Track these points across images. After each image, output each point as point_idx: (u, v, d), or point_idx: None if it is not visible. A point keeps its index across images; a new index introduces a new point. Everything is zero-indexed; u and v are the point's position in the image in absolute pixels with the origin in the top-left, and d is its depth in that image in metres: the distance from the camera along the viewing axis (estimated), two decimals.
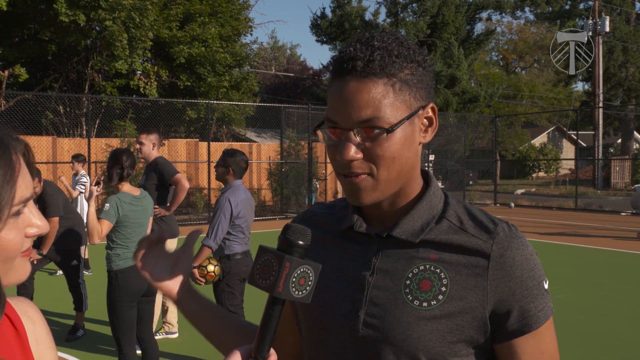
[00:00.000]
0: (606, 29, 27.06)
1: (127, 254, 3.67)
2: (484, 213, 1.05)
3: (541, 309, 0.99)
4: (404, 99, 0.95)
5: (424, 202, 1.03)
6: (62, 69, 18.09)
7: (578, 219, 15.45)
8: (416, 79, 0.97)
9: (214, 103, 17.15)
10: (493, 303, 0.97)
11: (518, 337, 0.98)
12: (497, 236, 0.99)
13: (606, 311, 6.19)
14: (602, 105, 28.68)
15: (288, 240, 0.88)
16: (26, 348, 0.91)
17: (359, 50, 0.94)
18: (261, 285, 0.87)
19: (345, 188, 1.00)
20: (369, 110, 0.93)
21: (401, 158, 0.96)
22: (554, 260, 9.24)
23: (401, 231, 1.01)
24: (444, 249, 1.00)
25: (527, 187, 28.93)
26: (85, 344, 5.11)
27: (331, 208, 1.16)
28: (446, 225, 1.02)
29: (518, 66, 48.84)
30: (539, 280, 1.00)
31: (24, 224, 0.85)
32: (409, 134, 0.96)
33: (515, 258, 0.98)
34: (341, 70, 0.95)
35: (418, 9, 26.56)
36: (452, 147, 22.57)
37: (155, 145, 5.16)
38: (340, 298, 1.02)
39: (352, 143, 0.94)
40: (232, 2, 20.43)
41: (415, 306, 0.97)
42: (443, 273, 0.98)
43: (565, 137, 42.65)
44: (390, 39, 0.97)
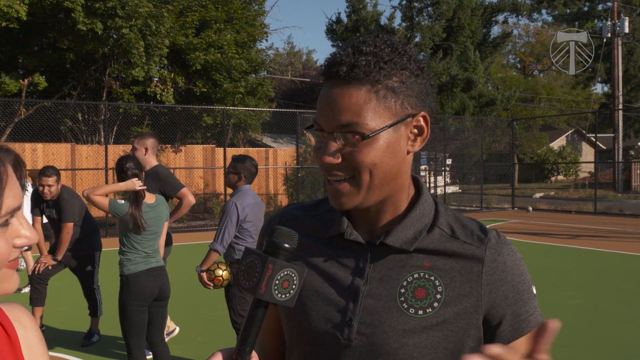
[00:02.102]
0: (625, 30, 26.72)
1: (139, 259, 3.70)
2: (473, 221, 1.06)
3: (532, 313, 1.00)
4: (388, 106, 0.94)
5: (416, 210, 1.03)
6: (80, 76, 18.33)
7: (597, 222, 15.24)
8: (405, 86, 0.96)
9: (230, 109, 17.24)
10: (486, 308, 0.98)
11: (511, 342, 0.98)
12: (489, 242, 1.01)
13: (624, 317, 6.08)
14: (622, 107, 28.30)
15: (273, 243, 0.87)
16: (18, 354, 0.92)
17: (346, 55, 0.94)
18: (244, 287, 0.87)
19: (328, 192, 1.00)
20: (349, 115, 0.93)
21: (383, 165, 0.95)
22: (571, 265, 9.12)
23: (395, 239, 1.00)
24: (438, 257, 1.00)
25: (545, 191, 28.62)
26: (100, 349, 5.15)
27: (312, 210, 1.13)
28: (438, 234, 1.02)
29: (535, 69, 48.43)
30: (529, 285, 1.01)
31: (12, 234, 0.86)
32: (392, 142, 0.96)
33: (507, 263, 1.00)
34: (327, 74, 0.96)
35: (433, 12, 26.47)
36: (469, 150, 22.42)
37: (149, 150, 4.83)
38: (333, 307, 1.01)
39: (332, 146, 0.95)
40: (248, 9, 20.53)
41: (411, 314, 0.97)
42: (438, 280, 0.99)
43: (584, 140, 42.15)
44: (383, 45, 0.96)
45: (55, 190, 5.19)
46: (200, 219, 16.47)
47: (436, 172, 19.63)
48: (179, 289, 7.34)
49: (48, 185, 5.13)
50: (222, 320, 5.55)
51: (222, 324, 5.52)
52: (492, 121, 24.16)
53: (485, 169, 22.61)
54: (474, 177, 22.95)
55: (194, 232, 14.19)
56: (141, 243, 3.72)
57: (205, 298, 6.82)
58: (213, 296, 6.57)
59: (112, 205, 3.65)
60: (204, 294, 6.81)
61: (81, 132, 17.08)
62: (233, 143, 22.06)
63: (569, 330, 5.63)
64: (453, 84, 24.29)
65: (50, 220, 5.37)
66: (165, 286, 3.83)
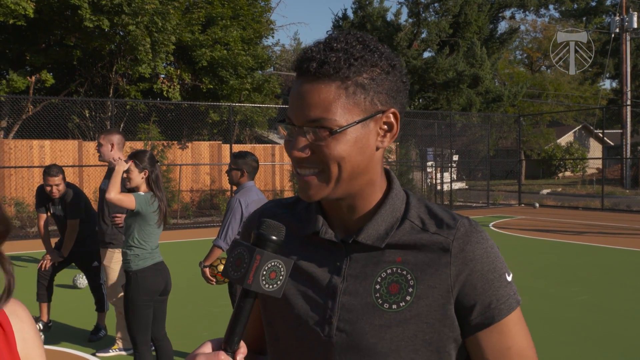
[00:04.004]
0: (634, 25, 26.54)
1: (145, 254, 3.72)
2: (445, 210, 1.06)
3: (504, 301, 0.99)
4: (356, 102, 0.96)
5: (387, 205, 1.04)
6: (87, 73, 18.39)
7: (605, 219, 15.17)
8: (375, 83, 0.97)
9: (236, 105, 17.26)
10: (457, 298, 0.99)
11: (481, 330, 0.99)
12: (457, 232, 1.01)
13: (631, 313, 6.06)
14: (630, 103, 28.13)
15: (261, 235, 0.89)
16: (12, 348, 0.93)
17: (316, 52, 0.96)
18: (233, 277, 0.89)
19: (298, 184, 1.02)
20: (318, 111, 0.94)
21: (351, 159, 0.97)
22: (578, 261, 9.09)
23: (367, 236, 1.02)
24: (408, 251, 1.02)
25: (553, 187, 28.51)
26: (107, 344, 5.18)
27: (290, 207, 1.16)
28: (409, 227, 1.03)
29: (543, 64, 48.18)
30: (501, 273, 1.01)
31: None
32: (361, 137, 0.97)
33: (475, 252, 1.00)
34: (298, 70, 0.97)
35: (440, 8, 26.38)
36: (476, 147, 22.37)
37: (115, 146, 4.70)
38: (313, 305, 1.03)
39: (302, 141, 0.97)
40: (254, 5, 20.54)
41: (386, 309, 0.99)
42: (409, 275, 1.00)
43: (592, 136, 41.92)
44: (355, 42, 0.97)
45: (62, 188, 5.22)
46: (206, 215, 16.51)
47: (443, 168, 19.58)
48: (184, 284, 7.37)
49: (55, 184, 5.16)
50: (226, 316, 5.58)
51: (226, 320, 5.54)
52: (499, 117, 24.08)
53: (492, 165, 22.54)
54: (481, 173, 22.89)
55: (200, 228, 14.23)
56: (151, 237, 3.74)
57: (210, 294, 6.85)
58: (218, 292, 6.60)
59: (138, 200, 3.65)
60: (209, 290, 6.83)
61: (88, 128, 17.15)
62: (239, 139, 22.09)
63: (575, 327, 5.61)
64: (460, 80, 24.21)
65: (56, 217, 5.40)
66: (169, 281, 3.87)
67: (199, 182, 17.72)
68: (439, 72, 24.35)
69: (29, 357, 0.96)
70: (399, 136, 20.36)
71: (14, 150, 14.74)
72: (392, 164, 19.78)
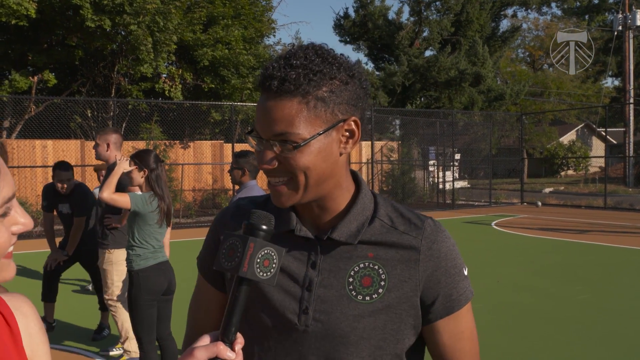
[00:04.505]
0: (637, 23, 26.49)
1: (147, 254, 3.73)
2: (409, 210, 1.17)
3: (462, 293, 1.13)
4: (318, 115, 1.02)
5: (357, 205, 1.12)
6: (89, 73, 18.41)
7: (607, 217, 15.15)
8: (335, 95, 1.03)
9: (238, 105, 17.26)
10: (423, 290, 1.10)
11: (442, 318, 1.11)
12: (424, 231, 1.12)
13: (633, 312, 6.06)
14: (633, 101, 28.07)
15: (252, 225, 0.93)
16: (18, 344, 0.94)
17: (277, 69, 1.01)
18: (226, 267, 0.91)
19: (270, 191, 1.09)
20: (282, 125, 1.01)
21: (317, 168, 1.04)
22: (580, 260, 9.08)
23: (340, 234, 1.10)
24: (380, 247, 1.10)
25: (555, 186, 28.46)
26: (110, 343, 5.19)
27: (261, 206, 1.21)
28: (379, 225, 1.12)
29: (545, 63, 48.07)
30: (460, 269, 1.14)
31: (10, 222, 0.87)
32: (324, 146, 1.04)
33: (441, 250, 1.11)
34: (262, 87, 1.03)
35: (442, 7, 26.33)
36: (478, 145, 22.34)
37: (111, 145, 4.64)
38: (290, 297, 1.10)
39: (269, 153, 1.04)
40: (255, 5, 20.53)
41: (359, 300, 1.07)
42: (381, 269, 1.09)
43: (594, 135, 41.84)
44: (314, 56, 1.02)
45: (72, 184, 5.21)
46: (208, 215, 16.53)
47: (445, 167, 19.57)
48: (187, 284, 7.38)
49: (67, 179, 5.14)
50: None
51: None
52: (501, 116, 24.05)
53: (494, 163, 22.52)
54: (483, 172, 22.86)
55: (203, 227, 14.25)
56: (152, 237, 3.74)
57: None
58: None
59: (134, 200, 3.65)
60: None
61: (90, 128, 17.16)
62: (241, 139, 22.08)
63: (577, 326, 5.61)
64: (461, 78, 24.18)
65: (62, 215, 5.39)
66: (172, 280, 3.87)
67: (201, 182, 17.74)
68: (440, 70, 24.31)
69: (34, 353, 0.97)
70: (401, 135, 20.37)
71: (16, 150, 14.77)
72: (394, 163, 19.77)
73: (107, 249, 4.67)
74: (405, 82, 24.89)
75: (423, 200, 19.88)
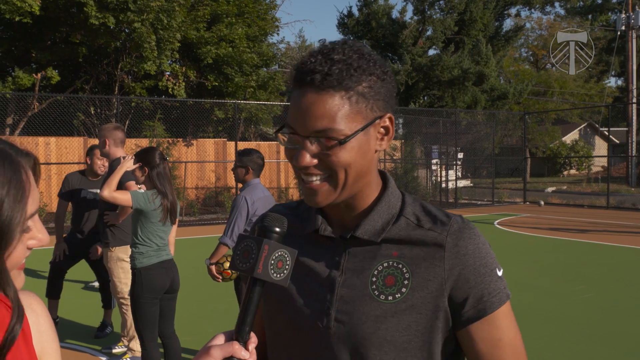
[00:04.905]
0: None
1: (151, 252, 3.73)
2: (438, 209, 1.12)
3: (495, 294, 1.05)
4: (359, 110, 1.00)
5: (382, 203, 1.10)
6: (92, 70, 18.43)
7: (610, 217, 15.13)
8: (374, 91, 1.01)
9: (241, 103, 17.27)
10: (450, 291, 1.04)
11: (474, 322, 1.04)
12: (450, 228, 1.07)
13: (637, 312, 6.05)
14: (636, 100, 28.01)
15: (265, 227, 0.94)
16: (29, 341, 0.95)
17: (318, 63, 0.99)
18: (241, 269, 0.92)
19: (303, 191, 1.06)
20: (325, 121, 0.98)
21: (356, 165, 1.02)
22: (583, 259, 9.08)
23: (363, 232, 1.08)
24: (404, 245, 1.07)
25: (558, 185, 28.43)
26: (113, 341, 5.21)
27: (294, 209, 1.22)
28: (404, 223, 1.09)
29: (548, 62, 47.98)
30: (492, 268, 1.06)
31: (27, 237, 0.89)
32: (363, 143, 1.02)
33: (468, 247, 1.06)
34: (301, 81, 1.00)
35: (445, 6, 26.30)
36: (481, 144, 22.32)
37: (109, 142, 4.56)
38: (313, 298, 1.09)
39: (308, 151, 1.00)
40: (259, 2, 20.52)
41: (382, 300, 1.04)
42: (405, 268, 1.06)
43: (597, 134, 41.78)
44: (351, 52, 1.01)
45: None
46: (211, 213, 16.55)
47: (448, 165, 19.56)
48: (190, 282, 7.40)
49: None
50: (232, 313, 5.60)
51: (232, 316, 5.57)
52: (504, 115, 24.02)
53: (497, 162, 22.50)
54: (486, 171, 22.84)
55: (205, 225, 14.26)
56: (155, 235, 3.74)
57: (216, 291, 6.88)
58: (224, 289, 6.62)
59: (135, 198, 3.66)
60: (215, 287, 6.86)
61: (94, 125, 17.19)
62: (244, 137, 22.12)
63: (579, 325, 5.61)
64: (465, 77, 24.15)
65: (85, 202, 5.30)
66: (176, 279, 3.87)
67: (204, 180, 17.76)
68: (444, 69, 24.28)
69: (44, 350, 0.98)
70: (404, 134, 20.35)
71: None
72: (397, 161, 19.76)
73: (108, 246, 4.68)
74: (408, 81, 24.86)
75: (426, 199, 19.88)
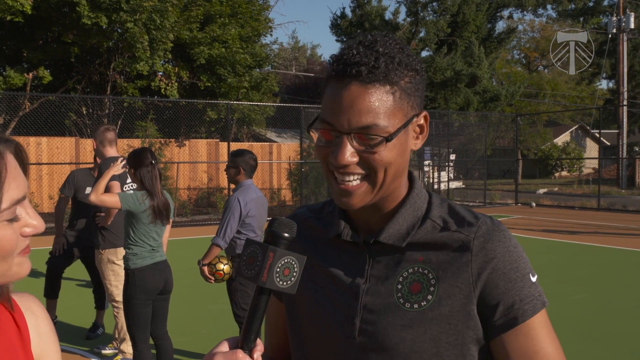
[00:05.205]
0: (631, 26, 26.60)
1: (144, 253, 3.71)
2: (467, 210, 1.05)
3: (528, 302, 0.96)
4: (401, 107, 0.95)
5: (407, 205, 1.03)
6: (84, 70, 18.35)
7: (600, 218, 15.22)
8: (414, 87, 0.96)
9: (234, 103, 17.24)
10: (478, 297, 0.96)
11: (505, 332, 0.96)
12: (478, 229, 0.99)
13: (628, 312, 6.09)
14: (627, 103, 28.20)
15: (273, 233, 0.90)
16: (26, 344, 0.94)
17: (364, 55, 0.93)
18: (246, 276, 0.90)
19: (335, 192, 0.99)
20: (369, 118, 0.92)
21: (395, 164, 0.96)
22: (575, 261, 9.12)
23: (388, 236, 1.01)
24: (430, 250, 1.00)
25: (549, 187, 28.57)
26: (104, 342, 5.18)
27: (318, 212, 1.15)
28: (430, 226, 1.02)
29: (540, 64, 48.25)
30: (524, 273, 0.98)
31: (20, 224, 0.88)
32: (403, 142, 0.97)
33: (497, 250, 0.97)
34: (343, 74, 0.93)
35: (438, 7, 26.40)
36: (473, 146, 22.39)
37: (96, 143, 4.60)
38: (337, 307, 1.03)
39: (349, 148, 0.94)
40: (252, 3, 20.51)
41: (407, 309, 0.97)
42: (431, 274, 0.98)
43: (588, 136, 42.03)
44: (392, 45, 0.95)
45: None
46: (203, 214, 16.51)
47: (440, 167, 19.61)
48: (182, 283, 7.37)
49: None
50: (225, 314, 5.59)
51: (225, 317, 5.56)
52: (496, 117, 24.11)
53: (489, 164, 22.57)
54: (478, 172, 22.92)
55: (197, 226, 14.23)
56: (148, 236, 3.72)
57: (209, 292, 6.86)
58: (216, 290, 6.61)
59: (124, 199, 3.63)
60: (207, 288, 6.84)
61: (85, 126, 17.11)
62: (237, 138, 22.08)
63: (573, 325, 5.64)
64: (457, 79, 24.24)
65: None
66: (169, 280, 3.85)
67: (196, 180, 17.72)
68: (436, 71, 24.36)
69: (44, 352, 0.97)
70: None
71: None
72: None
73: (99, 248, 4.66)
74: None
75: None
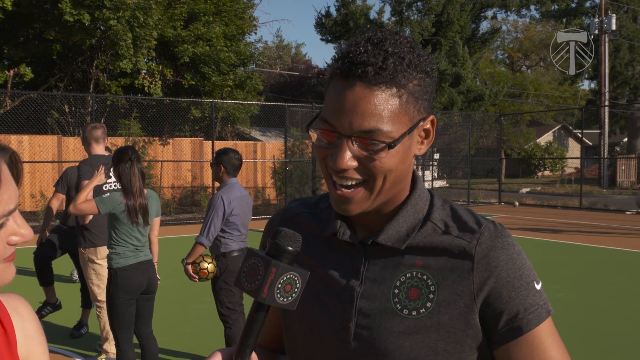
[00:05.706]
0: (613, 27, 26.93)
1: (127, 253, 3.69)
2: (470, 213, 1.01)
3: (532, 310, 0.93)
4: (407, 111, 0.90)
5: (408, 206, 0.99)
6: (67, 68, 18.16)
7: (582, 217, 15.39)
8: (422, 90, 0.92)
9: (218, 102, 17.18)
10: (480, 307, 0.94)
11: (510, 341, 0.93)
12: (481, 236, 0.95)
13: (610, 310, 6.17)
14: (608, 103, 28.55)
15: (277, 246, 0.86)
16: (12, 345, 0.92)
17: (371, 54, 0.88)
18: (246, 289, 0.86)
19: (332, 197, 0.95)
20: (373, 121, 0.88)
21: (396, 171, 0.92)
22: (557, 259, 9.22)
23: (386, 238, 0.97)
24: (430, 254, 0.96)
25: (532, 186, 28.82)
26: (87, 341, 5.14)
27: (313, 207, 1.10)
28: (431, 229, 0.98)
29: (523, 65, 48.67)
30: (528, 281, 0.95)
31: (7, 233, 0.87)
32: (406, 147, 0.92)
33: (500, 258, 0.94)
34: (348, 73, 0.89)
35: (423, 7, 26.51)
36: (457, 145, 22.52)
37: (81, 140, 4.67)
38: (330, 310, 0.99)
39: (349, 151, 0.90)
40: (237, 1, 20.44)
41: (405, 315, 0.94)
42: (430, 280, 0.95)
43: (571, 136, 42.48)
44: (402, 44, 0.90)
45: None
46: (187, 212, 16.43)
47: (424, 166, 19.71)
48: (166, 281, 7.33)
49: None
50: (210, 313, 5.56)
51: (210, 317, 5.53)
52: (480, 116, 24.27)
53: (472, 163, 22.73)
54: (462, 171, 23.06)
55: (182, 225, 14.15)
56: (131, 236, 3.70)
57: (193, 291, 6.82)
58: (201, 289, 6.58)
59: (100, 203, 3.61)
60: (192, 287, 6.81)
61: (68, 124, 16.94)
62: (221, 136, 22.00)
63: (555, 323, 5.65)
64: (441, 79, 24.36)
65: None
66: (153, 279, 3.83)
67: (180, 179, 17.62)
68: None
69: (31, 354, 0.96)
70: None
71: None
72: None
73: (81, 247, 4.62)
74: None
75: None
